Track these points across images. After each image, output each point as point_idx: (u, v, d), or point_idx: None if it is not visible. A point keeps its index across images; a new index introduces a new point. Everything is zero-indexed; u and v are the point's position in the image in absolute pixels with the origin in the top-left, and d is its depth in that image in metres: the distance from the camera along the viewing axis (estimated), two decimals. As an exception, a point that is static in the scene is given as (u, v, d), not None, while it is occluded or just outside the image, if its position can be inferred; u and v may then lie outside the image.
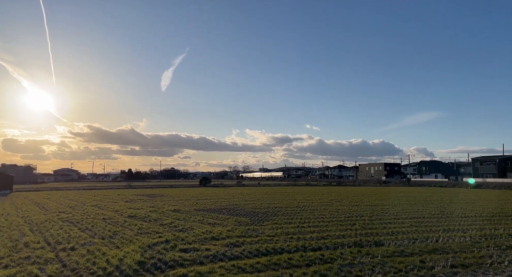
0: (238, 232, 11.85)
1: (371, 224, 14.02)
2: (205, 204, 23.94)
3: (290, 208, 20.71)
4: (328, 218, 15.94)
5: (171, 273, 7.09)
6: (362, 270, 7.24)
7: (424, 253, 8.92)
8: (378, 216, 16.55)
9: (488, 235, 11.52)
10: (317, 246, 9.67)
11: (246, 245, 9.75)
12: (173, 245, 9.73)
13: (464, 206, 22.27)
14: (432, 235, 11.27)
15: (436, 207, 21.57)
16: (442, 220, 15.40)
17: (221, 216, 16.64)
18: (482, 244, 10.01)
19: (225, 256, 8.49)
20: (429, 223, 14.25)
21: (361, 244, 9.92)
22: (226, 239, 10.69)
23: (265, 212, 18.56)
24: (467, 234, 11.57)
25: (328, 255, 8.62)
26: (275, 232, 11.91)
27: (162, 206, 21.95)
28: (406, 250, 9.20)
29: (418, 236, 11.21)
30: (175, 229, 12.82)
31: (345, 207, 21.01)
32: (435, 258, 8.29)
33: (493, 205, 22.62)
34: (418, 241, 10.33)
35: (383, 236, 11.19)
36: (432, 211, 18.79)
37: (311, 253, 8.80)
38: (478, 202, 25.66)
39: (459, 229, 12.78)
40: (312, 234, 11.68)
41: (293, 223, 14.25)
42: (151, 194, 37.97)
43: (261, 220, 15.29)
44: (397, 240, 10.54)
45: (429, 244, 9.96)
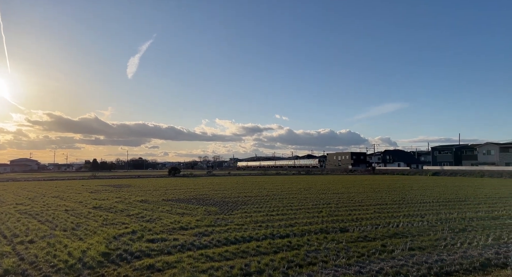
0: (207, 222, 11.82)
1: (337, 211, 14.48)
2: (174, 194, 23.63)
3: (260, 197, 20.91)
4: (297, 206, 16.27)
5: (137, 264, 6.96)
6: (327, 255, 7.47)
7: (386, 237, 9.35)
8: (344, 203, 17.12)
9: (444, 219, 12.27)
10: (285, 233, 9.85)
11: (215, 234, 9.75)
12: (140, 236, 9.54)
13: (423, 192, 23.55)
14: (393, 221, 11.83)
15: (398, 193, 22.64)
16: (403, 206, 16.20)
17: (190, 206, 16.50)
18: (438, 227, 10.66)
19: (194, 246, 8.45)
20: (391, 209, 14.94)
21: (327, 231, 10.23)
22: (194, 229, 10.63)
23: (235, 201, 18.62)
24: (425, 219, 12.25)
25: (296, 242, 8.81)
26: (244, 221, 12.00)
27: (129, 197, 21.40)
28: (369, 235, 9.60)
29: (381, 221, 11.73)
30: (143, 219, 12.56)
31: (313, 195, 21.54)
32: (395, 242, 8.72)
33: (449, 191, 24.10)
34: (380, 227, 10.81)
35: (348, 223, 11.60)
36: (394, 198, 19.70)
37: (279, 240, 8.96)
38: (436, 188, 27.23)
39: (418, 214, 13.51)
40: (280, 222, 11.88)
41: (262, 211, 14.41)
42: (118, 184, 36.90)
43: (231, 209, 15.33)
44: (361, 226, 10.97)
45: (391, 229, 10.46)
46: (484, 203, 17.07)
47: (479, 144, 77.46)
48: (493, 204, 16.65)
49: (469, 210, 14.66)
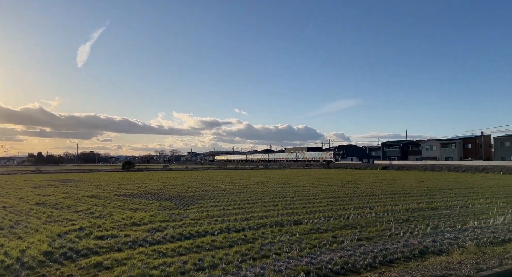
0: (162, 217, 11.53)
1: (293, 204, 14.84)
2: (127, 189, 22.74)
3: (217, 191, 20.81)
4: (253, 200, 16.42)
5: (84, 262, 6.59)
6: (281, 248, 7.62)
7: (337, 229, 9.75)
8: (299, 197, 17.58)
9: (390, 210, 13.07)
10: (240, 227, 9.90)
11: (169, 230, 9.53)
12: (88, 233, 9.05)
13: (373, 185, 24.90)
14: (344, 213, 12.37)
15: (350, 187, 23.72)
16: (354, 198, 17.00)
17: (144, 201, 15.99)
18: (384, 218, 11.33)
19: (146, 242, 8.19)
20: (343, 202, 15.61)
21: (282, 224, 10.44)
22: (148, 224, 10.31)
23: (191, 196, 18.36)
24: (373, 211, 12.96)
25: (251, 235, 8.88)
26: (200, 216, 11.87)
27: (77, 192, 20.23)
28: (321, 227, 9.95)
29: (333, 214, 12.21)
30: (92, 215, 11.93)
31: (270, 189, 21.87)
32: (345, 233, 9.13)
33: (396, 184, 25.72)
34: (332, 219, 11.25)
35: (302, 215, 11.93)
36: (346, 191, 20.62)
37: (235, 234, 8.98)
38: (384, 182, 28.92)
39: (367, 206, 14.25)
40: (236, 215, 11.92)
41: (219, 206, 14.36)
42: (66, 179, 34.75)
43: (187, 204, 15.09)
44: (315, 218, 11.33)
45: (342, 221, 10.92)
46: (426, 195, 18.43)
47: (423, 140, 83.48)
48: (433, 196, 18.03)
49: (412, 201, 15.75)
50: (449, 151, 73.77)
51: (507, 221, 10.84)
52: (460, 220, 11.08)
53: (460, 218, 11.39)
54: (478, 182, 28.37)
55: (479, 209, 13.44)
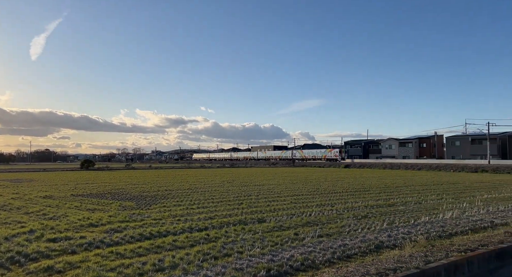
0: (121, 217, 11.13)
1: (257, 202, 14.93)
2: (85, 188, 21.73)
3: (181, 190, 20.46)
4: (218, 198, 16.33)
5: (33, 267, 6.20)
6: (243, 246, 7.64)
7: (299, 226, 9.94)
8: (264, 195, 17.74)
9: (350, 207, 13.54)
10: (203, 226, 9.80)
11: (128, 230, 9.23)
12: (39, 235, 8.53)
13: (335, 183, 25.68)
14: (307, 210, 12.64)
15: (313, 185, 24.29)
16: (316, 196, 17.43)
17: (103, 201, 15.36)
18: (344, 215, 11.72)
19: (103, 243, 7.87)
20: (306, 199, 15.95)
21: (246, 222, 10.47)
22: (106, 225, 9.91)
23: (154, 195, 17.90)
24: (334, 208, 13.36)
25: (214, 234, 8.82)
26: (162, 215, 11.61)
27: (29, 192, 19.02)
28: (284, 225, 10.10)
29: (296, 211, 12.44)
30: (44, 217, 11.27)
31: (235, 188, 21.86)
32: (307, 230, 9.33)
33: (357, 182, 26.71)
34: (295, 216, 11.46)
35: (266, 213, 12.04)
36: (310, 189, 21.09)
37: (197, 234, 8.87)
38: (346, 179, 29.93)
39: (329, 203, 14.66)
40: (200, 215, 11.79)
41: (182, 205, 14.12)
42: (17, 178, 32.55)
43: (149, 203, 14.69)
44: (278, 216, 11.48)
45: (304, 218, 11.15)
46: (384, 192, 19.31)
47: (383, 139, 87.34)
48: (390, 193, 18.93)
49: (371, 198, 16.43)
50: (407, 150, 77.80)
51: (455, 215, 11.62)
52: (414, 215, 11.71)
53: (414, 214, 12.04)
54: (431, 179, 30.17)
55: (431, 205, 14.29)
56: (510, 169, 42.50)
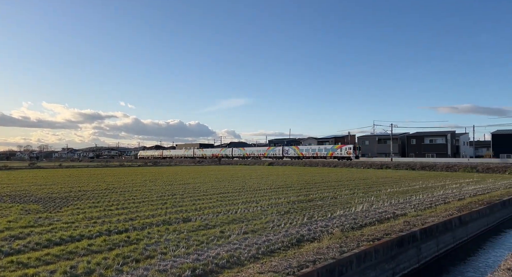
0: (24, 222, 9.84)
1: (182, 201, 14.57)
2: (-23, 190, 18.65)
3: (97, 191, 18.90)
4: (140, 199, 15.50)
5: None
6: (167, 247, 7.39)
7: (225, 224, 9.99)
8: (189, 194, 17.39)
9: (274, 203, 14.07)
10: (124, 228, 9.21)
11: (33, 236, 8.20)
12: None
13: (260, 180, 26.43)
14: (233, 208, 12.77)
15: (239, 182, 24.63)
16: (242, 193, 17.71)
17: (1, 205, 13.39)
18: (269, 211, 12.14)
19: (1, 252, 6.86)
20: (232, 197, 16.09)
21: (170, 222, 10.14)
22: (4, 232, 8.66)
23: (65, 197, 16.20)
24: (259, 204, 13.74)
25: (135, 236, 8.35)
26: (76, 218, 10.58)
27: None
28: (210, 223, 10.04)
29: (222, 209, 12.47)
30: None
31: (159, 187, 21.01)
32: (233, 227, 9.43)
33: (280, 179, 27.89)
34: (221, 214, 11.48)
35: (192, 212, 11.82)
36: (236, 186, 21.34)
37: (116, 236, 8.30)
38: (270, 177, 31.03)
39: (254, 200, 15.03)
40: (119, 216, 11.05)
41: (99, 206, 13.07)
42: None
43: (58, 206, 13.25)
44: (204, 215, 11.37)
45: (230, 215, 11.24)
46: (304, 188, 20.50)
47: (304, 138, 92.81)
48: (310, 189, 20.18)
49: (293, 194, 17.30)
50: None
51: (365, 208, 12.91)
52: (330, 209, 12.68)
53: (330, 208, 13.04)
54: (345, 176, 33.03)
55: (345, 199, 15.64)
56: (407, 165, 48.79)
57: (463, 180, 27.89)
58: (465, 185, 23.61)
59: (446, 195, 17.56)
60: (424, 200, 15.34)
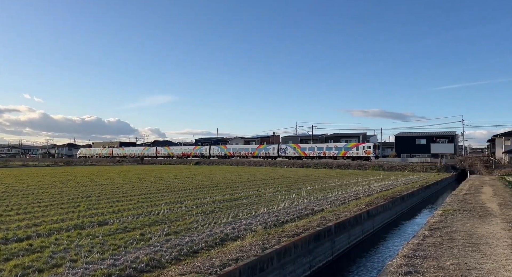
0: None
1: (98, 204, 13.48)
2: None
3: (-7, 193, 16.40)
4: (47, 202, 13.89)
5: None
6: (78, 253, 6.74)
7: (146, 226, 9.51)
8: (107, 195, 16.18)
9: (199, 203, 13.87)
10: (25, 235, 8.14)
11: None
12: None
13: (185, 180, 25.84)
14: (155, 209, 12.23)
15: (163, 182, 23.73)
16: (166, 194, 17.09)
17: None
18: (193, 211, 11.92)
19: None
20: (154, 198, 15.42)
21: (83, 226, 9.29)
22: None
23: (-51, 201, 13.70)
24: (183, 205, 13.41)
25: (39, 243, 7.45)
26: (-38, 226, 9.02)
27: None
28: (129, 226, 9.46)
29: (143, 211, 11.85)
30: None
31: (71, 189, 19.11)
32: (154, 229, 9.03)
33: (206, 179, 27.64)
34: (142, 216, 10.90)
35: (109, 215, 11.00)
36: (159, 187, 20.51)
37: (15, 245, 7.30)
38: (196, 176, 30.55)
39: (178, 201, 14.61)
40: (20, 222, 9.74)
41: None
42: None
43: None
44: (123, 217, 10.67)
45: (151, 217, 10.75)
46: (230, 188, 20.65)
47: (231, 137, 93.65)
48: (236, 188, 20.41)
49: (219, 194, 17.29)
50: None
51: (287, 205, 13.51)
52: (255, 207, 12.98)
53: (255, 206, 13.34)
54: (270, 175, 34.19)
55: (269, 197, 16.17)
56: (325, 164, 52.58)
57: (372, 178, 31.08)
58: (373, 182, 26.33)
59: (357, 191, 19.34)
60: (339, 197, 16.67)
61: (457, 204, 14.76)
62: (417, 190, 22.47)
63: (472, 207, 13.86)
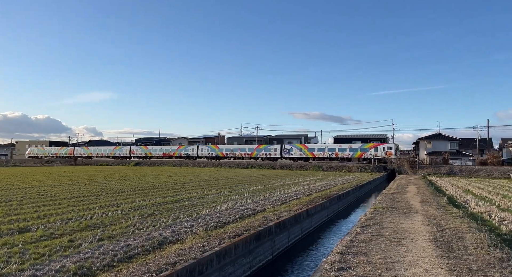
0: None
1: (20, 209, 12.16)
2: None
3: None
4: (-44, 207, 12.19)
5: None
6: (-8, 265, 5.99)
7: (76, 232, 8.81)
8: (31, 199, 14.68)
9: (137, 206, 13.22)
10: None
11: None
12: None
13: (123, 182, 24.49)
14: (87, 213, 11.38)
15: (98, 184, 22.23)
16: (101, 197, 16.02)
17: None
18: (130, 215, 11.32)
19: None
20: (87, 201, 14.36)
21: (0, 234, 8.30)
22: None
23: None
24: (120, 208, 12.67)
25: None
26: None
27: None
28: (56, 232, 8.68)
29: (74, 215, 10.96)
30: None
31: (-12, 192, 17.00)
32: (86, 235, 8.39)
33: (146, 180, 26.49)
34: (72, 221, 10.08)
35: (32, 221, 9.98)
36: (94, 189, 19.16)
37: None
38: (136, 178, 29.14)
39: (114, 204, 13.77)
40: None
41: None
42: None
43: None
44: (49, 223, 9.76)
45: (83, 222, 9.97)
46: (172, 189, 20.04)
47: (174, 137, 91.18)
48: (178, 189, 19.86)
49: (159, 196, 16.67)
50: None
51: (229, 206, 13.48)
52: (197, 209, 12.73)
53: (197, 208, 13.10)
54: (214, 175, 33.90)
55: (212, 199, 16.00)
56: (269, 165, 53.68)
57: (312, 178, 32.42)
58: (314, 182, 27.50)
59: (298, 191, 20.02)
60: (280, 197, 17.09)
61: (386, 202, 16.01)
62: (352, 189, 23.95)
63: (399, 205, 15.14)
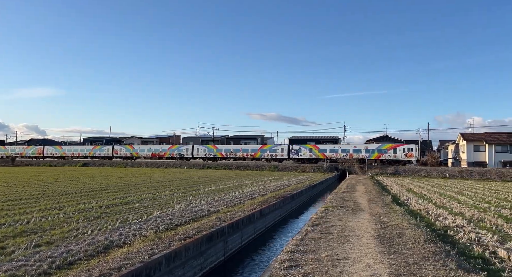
0: None
1: None
2: None
3: None
4: None
5: None
6: None
7: (9, 238, 8.06)
8: (-42, 203, 13.21)
9: (82, 209, 12.44)
10: None
11: None
12: None
13: (68, 184, 22.95)
14: (24, 217, 10.49)
15: (39, 186, 20.62)
16: (41, 199, 14.87)
17: None
18: (74, 218, 10.61)
19: None
20: (25, 205, 13.25)
21: None
22: None
23: None
24: (62, 211, 11.84)
25: None
26: None
27: None
28: (-16, 239, 7.88)
29: (7, 220, 10.03)
30: None
31: None
32: (20, 241, 7.71)
33: (94, 181, 25.06)
34: (4, 226, 9.21)
35: (-44, 228, 8.98)
36: (33, 192, 17.73)
37: None
38: (82, 179, 27.45)
39: (56, 207, 12.84)
40: None
41: None
42: None
43: None
44: (-23, 229, 8.83)
45: (18, 227, 9.16)
46: (122, 191, 19.15)
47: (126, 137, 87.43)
48: (128, 191, 19.03)
49: (108, 198, 15.84)
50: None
51: (182, 208, 13.18)
52: (147, 211, 12.27)
53: (148, 210, 12.63)
54: (168, 176, 32.99)
55: (164, 200, 15.53)
56: (226, 165, 53.48)
57: (267, 178, 32.82)
58: (269, 182, 27.85)
59: (253, 191, 20.14)
60: (235, 197, 17.07)
61: (336, 201, 16.66)
62: (305, 189, 24.63)
63: (348, 204, 15.82)
